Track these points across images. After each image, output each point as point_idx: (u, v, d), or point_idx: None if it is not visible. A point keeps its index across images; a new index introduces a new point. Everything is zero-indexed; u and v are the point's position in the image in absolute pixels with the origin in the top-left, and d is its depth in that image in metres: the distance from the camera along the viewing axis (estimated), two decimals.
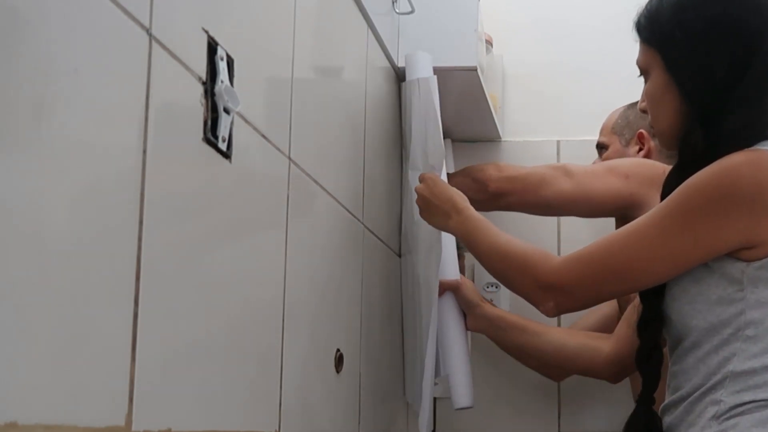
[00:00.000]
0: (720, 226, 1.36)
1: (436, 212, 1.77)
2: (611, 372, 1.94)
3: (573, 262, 1.50)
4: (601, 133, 2.29)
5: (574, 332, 2.04)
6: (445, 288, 1.88)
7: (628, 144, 2.22)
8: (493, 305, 2.18)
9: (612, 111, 2.30)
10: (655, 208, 1.43)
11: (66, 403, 0.80)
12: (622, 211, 2.03)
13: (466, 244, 1.72)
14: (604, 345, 1.93)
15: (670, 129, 1.51)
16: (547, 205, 2.01)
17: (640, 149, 2.19)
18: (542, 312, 1.55)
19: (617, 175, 1.96)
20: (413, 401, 1.96)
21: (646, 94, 1.55)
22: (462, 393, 1.87)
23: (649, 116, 1.56)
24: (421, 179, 1.84)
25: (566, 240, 2.42)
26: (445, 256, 1.90)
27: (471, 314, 1.92)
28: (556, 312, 1.53)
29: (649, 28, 1.50)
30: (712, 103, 1.43)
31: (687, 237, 1.37)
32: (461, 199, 1.76)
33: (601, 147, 2.28)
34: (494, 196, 2.01)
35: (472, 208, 1.74)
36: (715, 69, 1.42)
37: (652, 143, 2.18)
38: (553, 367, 2.11)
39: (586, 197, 1.98)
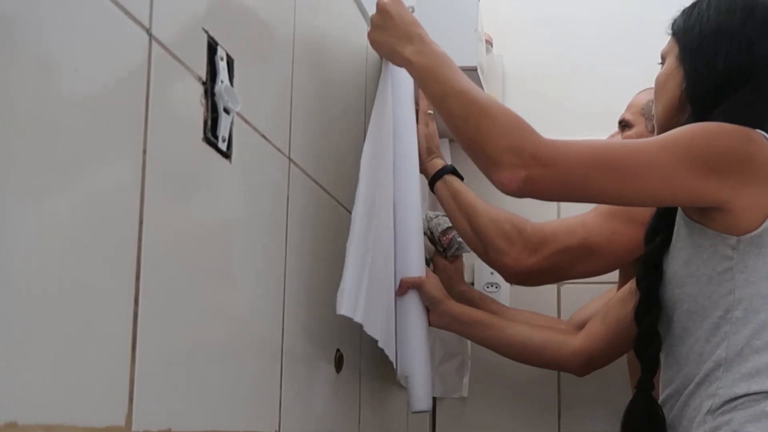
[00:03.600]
0: (713, 170, 1.37)
1: (394, 32, 1.59)
2: (578, 364, 1.92)
3: (569, 143, 1.39)
4: (629, 109, 2.23)
5: (540, 326, 2.02)
6: (409, 285, 1.80)
7: (653, 131, 2.16)
8: (494, 300, 2.17)
9: (644, 89, 2.21)
10: (657, 136, 1.44)
11: (66, 403, 0.80)
12: None
13: (424, 80, 1.53)
14: (572, 339, 1.92)
15: (664, 117, 1.57)
16: (578, 278, 2.00)
17: None
18: (501, 182, 1.37)
19: (635, 225, 1.90)
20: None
21: (655, 80, 1.60)
22: (419, 396, 1.78)
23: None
24: None
25: None
26: (410, 253, 1.79)
27: (434, 311, 1.87)
28: (521, 187, 1.35)
29: (678, 20, 1.57)
30: (709, 98, 1.48)
31: (687, 166, 1.37)
32: (424, 30, 1.59)
33: (625, 125, 2.22)
34: (516, 284, 1.96)
35: (436, 44, 1.57)
36: (719, 67, 1.48)
37: None
38: (520, 361, 2.10)
39: (615, 265, 1.96)
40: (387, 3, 1.63)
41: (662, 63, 1.60)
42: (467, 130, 1.43)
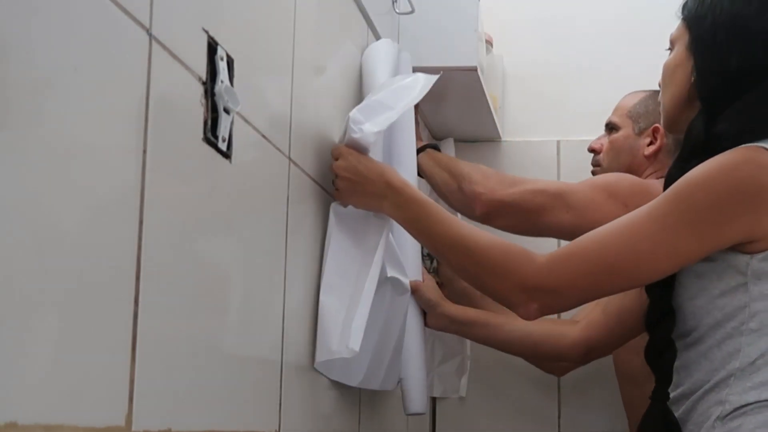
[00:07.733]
0: (723, 222, 1.34)
1: (364, 191, 1.52)
2: (577, 354, 1.92)
3: (563, 260, 1.40)
4: (615, 112, 2.23)
5: (539, 321, 2.03)
6: None
7: (640, 133, 2.17)
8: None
9: (631, 92, 2.24)
10: (654, 202, 1.38)
11: (66, 403, 0.80)
12: None
13: (412, 232, 1.53)
14: (571, 330, 1.92)
15: (672, 108, 1.52)
16: (542, 233, 1.94)
17: (651, 143, 2.15)
18: (521, 316, 1.43)
19: (616, 203, 1.90)
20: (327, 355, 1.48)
21: (663, 67, 1.55)
22: (414, 398, 1.78)
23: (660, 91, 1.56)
24: (336, 155, 1.54)
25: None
26: (405, 256, 1.75)
27: (431, 313, 1.88)
28: (539, 315, 1.42)
29: (690, 4, 1.50)
30: (720, 96, 1.43)
31: (691, 233, 1.34)
32: (393, 174, 1.54)
33: (611, 127, 2.22)
34: (481, 218, 1.92)
35: (411, 186, 1.54)
36: (732, 64, 1.42)
37: (664, 140, 2.12)
38: (521, 356, 2.09)
39: (586, 229, 1.95)
40: (343, 166, 1.53)
41: (671, 48, 1.54)
42: (469, 279, 1.52)
